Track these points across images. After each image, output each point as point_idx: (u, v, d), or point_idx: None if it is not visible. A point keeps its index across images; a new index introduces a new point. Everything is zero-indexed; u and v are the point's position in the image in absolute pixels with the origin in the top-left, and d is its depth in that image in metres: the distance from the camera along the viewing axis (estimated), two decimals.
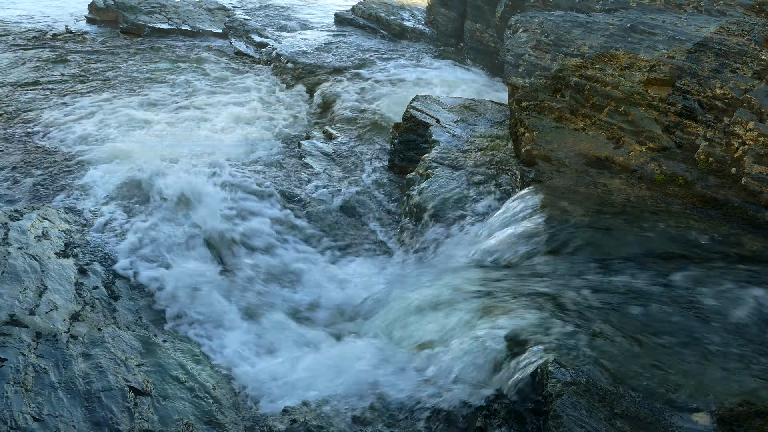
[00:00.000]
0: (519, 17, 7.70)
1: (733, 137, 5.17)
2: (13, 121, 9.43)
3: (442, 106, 8.62)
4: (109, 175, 7.66)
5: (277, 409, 4.23)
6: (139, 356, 4.30)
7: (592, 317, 3.83)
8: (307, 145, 9.11)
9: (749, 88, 5.41)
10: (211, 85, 11.83)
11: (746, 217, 4.85)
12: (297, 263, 6.36)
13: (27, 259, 4.94)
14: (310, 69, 12.64)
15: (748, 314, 3.78)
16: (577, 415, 2.99)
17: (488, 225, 5.48)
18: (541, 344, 3.58)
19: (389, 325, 4.81)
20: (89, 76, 11.75)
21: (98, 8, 15.70)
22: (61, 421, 3.52)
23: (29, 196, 7.22)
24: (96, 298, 4.99)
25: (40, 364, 3.86)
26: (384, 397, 4.05)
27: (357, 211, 7.51)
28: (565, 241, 4.70)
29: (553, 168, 5.69)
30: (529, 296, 4.21)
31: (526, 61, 6.73)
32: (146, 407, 3.84)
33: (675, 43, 6.21)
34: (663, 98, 5.73)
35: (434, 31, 15.47)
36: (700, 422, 2.97)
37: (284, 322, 5.35)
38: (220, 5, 17.83)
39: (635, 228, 4.75)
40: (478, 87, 11.77)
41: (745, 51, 5.90)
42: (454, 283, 4.77)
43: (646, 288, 4.09)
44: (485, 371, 3.75)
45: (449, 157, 7.09)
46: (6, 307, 4.21)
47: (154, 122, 9.64)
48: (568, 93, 6.20)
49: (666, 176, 5.36)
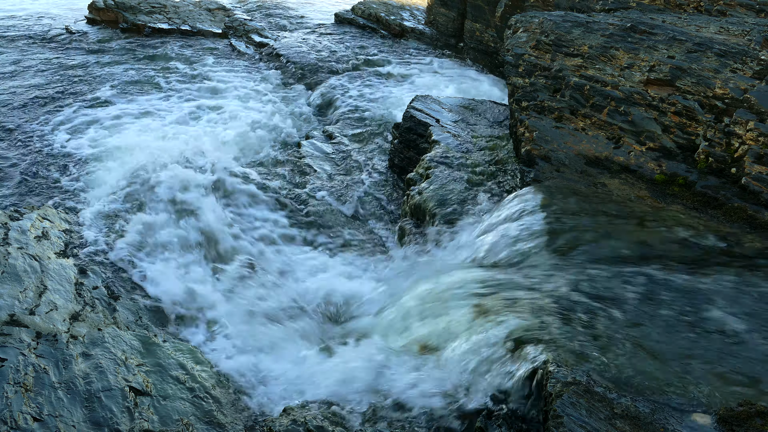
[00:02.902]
0: (519, 17, 7.69)
1: (733, 137, 5.17)
2: (13, 121, 9.43)
3: (442, 106, 8.62)
4: (109, 175, 7.66)
5: (277, 409, 4.23)
6: (139, 356, 4.30)
7: (592, 317, 3.83)
8: (307, 145, 9.11)
9: (749, 88, 5.41)
10: (211, 85, 11.82)
11: (746, 217, 4.85)
12: (296, 263, 6.36)
13: (27, 259, 4.94)
14: (309, 69, 12.64)
15: (749, 317, 3.78)
16: (577, 415, 2.99)
17: (488, 225, 5.48)
18: (541, 344, 3.57)
19: (389, 325, 4.81)
20: (88, 76, 11.75)
21: (98, 8, 15.69)
22: (61, 421, 3.52)
23: (29, 196, 7.22)
24: (96, 298, 4.99)
25: (40, 364, 3.86)
26: (383, 397, 4.05)
27: (357, 211, 7.51)
28: (565, 240, 4.70)
29: (553, 168, 5.69)
30: (528, 296, 4.21)
31: (526, 61, 6.73)
32: (146, 407, 3.84)
33: (675, 43, 6.21)
34: (663, 98, 5.73)
35: (434, 31, 15.47)
36: (700, 422, 2.97)
37: (284, 322, 5.35)
38: (220, 5, 17.83)
39: (635, 228, 4.75)
40: (478, 87, 11.78)
41: (745, 51, 5.90)
42: (454, 283, 4.77)
43: (646, 288, 4.09)
44: (485, 371, 3.75)
45: (449, 157, 7.09)
46: (6, 307, 4.21)
47: (154, 122, 9.64)
48: (568, 93, 6.21)
49: (666, 176, 5.36)
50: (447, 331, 4.26)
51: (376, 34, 15.63)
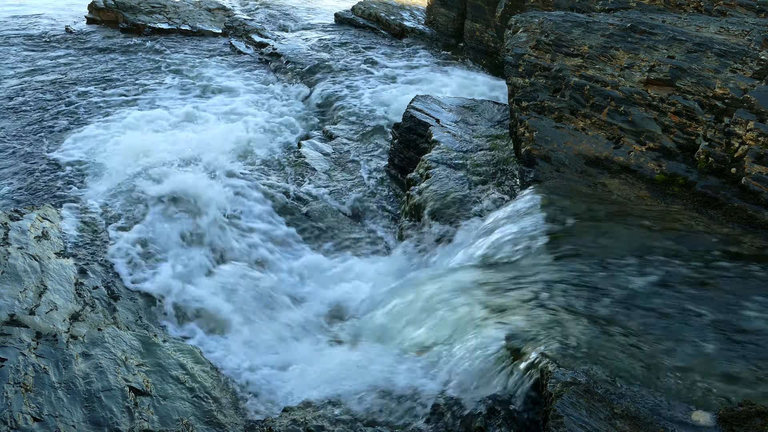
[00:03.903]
0: (519, 17, 7.69)
1: (733, 137, 5.17)
2: (13, 121, 9.43)
3: (442, 106, 8.62)
4: (109, 175, 7.66)
5: (277, 409, 4.23)
6: (139, 356, 4.30)
7: (593, 317, 3.83)
8: (307, 145, 9.11)
9: (749, 88, 5.41)
10: (211, 85, 11.83)
11: (746, 217, 4.85)
12: (296, 263, 6.36)
13: (27, 259, 4.94)
14: (309, 69, 12.64)
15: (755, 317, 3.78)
16: (577, 415, 2.99)
17: (488, 224, 5.48)
18: (541, 344, 3.57)
19: (388, 325, 4.81)
20: (88, 76, 11.75)
21: (98, 8, 15.70)
22: (61, 421, 3.52)
23: (29, 196, 7.22)
24: (96, 298, 4.99)
25: (40, 364, 3.86)
26: (383, 397, 4.04)
27: (357, 211, 7.52)
28: (565, 240, 4.70)
29: (553, 168, 5.69)
30: (528, 296, 4.21)
31: (526, 61, 6.73)
32: (146, 407, 3.83)
33: (675, 43, 6.21)
34: (663, 98, 5.73)
35: (434, 31, 15.47)
36: (700, 422, 2.97)
37: (284, 322, 5.35)
38: (220, 5, 17.83)
39: (635, 228, 4.75)
40: (478, 87, 11.78)
41: (745, 51, 5.90)
42: (454, 282, 4.77)
43: (646, 288, 4.09)
44: (485, 371, 3.75)
45: (449, 157, 7.09)
46: (6, 307, 4.21)
47: (154, 122, 9.64)
48: (568, 93, 6.21)
49: (666, 176, 5.36)
50: (447, 332, 4.26)
51: (376, 34, 15.63)
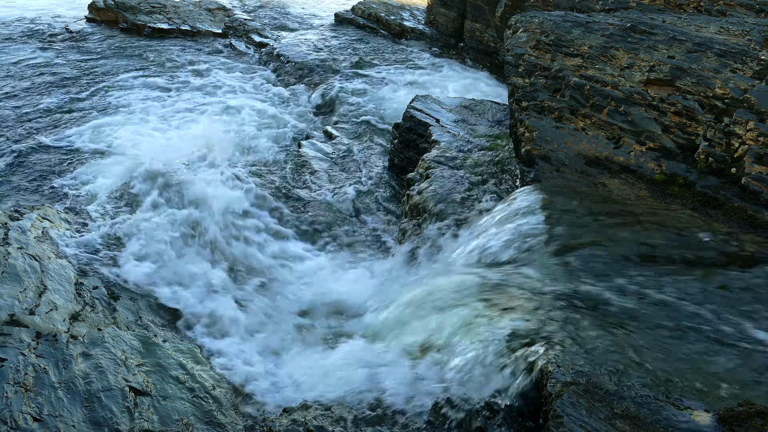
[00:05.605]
0: (519, 17, 7.69)
1: (733, 137, 5.17)
2: (13, 121, 9.43)
3: (442, 106, 8.62)
4: (109, 175, 7.66)
5: (277, 409, 4.23)
6: (139, 356, 4.30)
7: (593, 317, 3.83)
8: (307, 145, 9.11)
9: (749, 88, 5.41)
10: (211, 85, 11.82)
11: (746, 217, 4.85)
12: (296, 262, 6.36)
13: (27, 259, 4.94)
14: (309, 68, 12.64)
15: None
16: (577, 415, 2.99)
17: (488, 224, 5.48)
18: (542, 344, 3.58)
19: (388, 325, 4.81)
20: (88, 76, 11.75)
21: (98, 8, 15.69)
22: (61, 421, 3.52)
23: (29, 196, 7.21)
24: (96, 298, 4.99)
25: (40, 364, 3.86)
26: (383, 397, 4.05)
27: (357, 211, 7.51)
28: (565, 240, 4.70)
29: (553, 168, 5.69)
30: (528, 296, 4.21)
31: (526, 61, 6.73)
32: (146, 407, 3.84)
33: (675, 43, 6.21)
34: (663, 98, 5.73)
35: (434, 31, 15.47)
36: (700, 421, 2.97)
37: (284, 322, 5.35)
38: (220, 5, 17.82)
39: (635, 228, 4.75)
40: (478, 87, 11.78)
41: (745, 51, 5.90)
42: (454, 283, 4.77)
43: (646, 288, 4.09)
44: (485, 372, 3.75)
45: (449, 157, 7.09)
46: (6, 307, 4.21)
47: (153, 122, 9.64)
48: (568, 93, 6.21)
49: (666, 176, 5.36)
50: (446, 332, 4.26)
51: (376, 34, 15.63)
